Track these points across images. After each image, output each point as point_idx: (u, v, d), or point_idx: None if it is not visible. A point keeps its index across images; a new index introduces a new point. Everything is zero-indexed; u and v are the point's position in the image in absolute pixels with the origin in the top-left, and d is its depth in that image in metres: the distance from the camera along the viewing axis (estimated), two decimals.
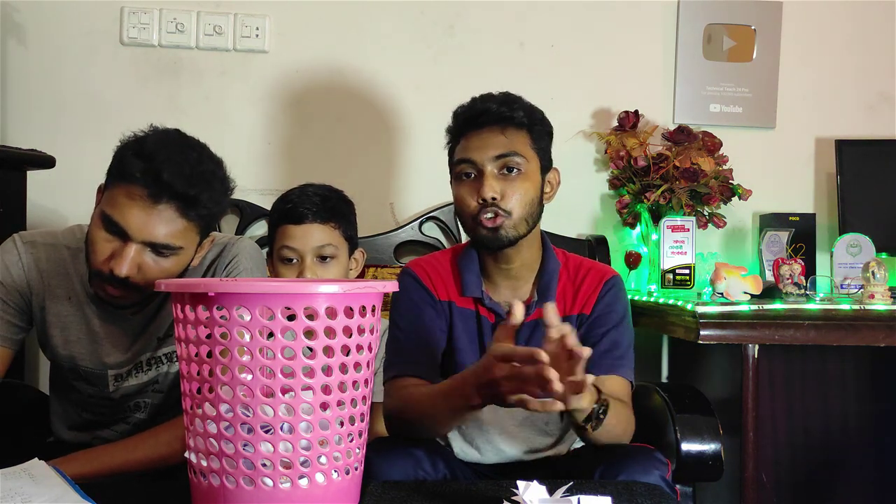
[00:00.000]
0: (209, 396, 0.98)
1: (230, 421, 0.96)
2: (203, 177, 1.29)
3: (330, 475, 0.99)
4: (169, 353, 1.45)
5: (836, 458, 1.98)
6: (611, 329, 1.49)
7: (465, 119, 1.49)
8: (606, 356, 1.46)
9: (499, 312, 1.50)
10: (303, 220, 1.62)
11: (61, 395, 1.54)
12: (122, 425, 1.49)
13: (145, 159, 1.25)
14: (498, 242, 1.46)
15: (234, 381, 0.95)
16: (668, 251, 2.03)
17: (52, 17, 2.12)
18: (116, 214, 1.26)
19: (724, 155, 2.15)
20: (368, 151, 2.21)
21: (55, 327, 1.43)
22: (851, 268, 2.03)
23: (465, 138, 1.48)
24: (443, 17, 2.23)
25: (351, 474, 1.02)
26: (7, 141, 2.05)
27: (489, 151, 1.45)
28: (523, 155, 1.46)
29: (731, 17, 2.28)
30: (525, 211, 1.46)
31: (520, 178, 1.46)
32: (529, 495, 1.03)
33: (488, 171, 1.45)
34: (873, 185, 2.18)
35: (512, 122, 1.46)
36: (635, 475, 1.27)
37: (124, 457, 1.32)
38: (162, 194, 1.25)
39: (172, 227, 1.27)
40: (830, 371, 1.99)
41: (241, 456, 0.96)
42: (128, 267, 1.26)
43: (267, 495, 0.96)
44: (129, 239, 1.26)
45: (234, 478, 0.97)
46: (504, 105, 1.46)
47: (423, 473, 1.29)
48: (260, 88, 2.18)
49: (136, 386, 1.46)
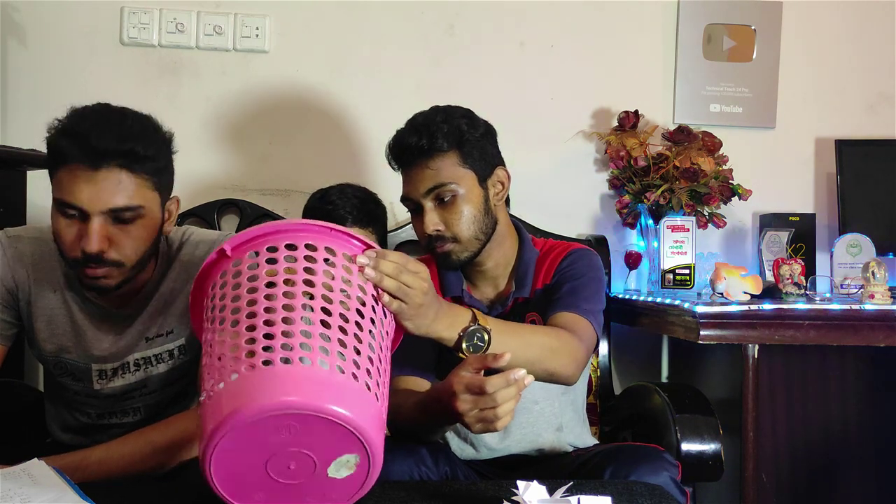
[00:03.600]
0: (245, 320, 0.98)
1: (271, 330, 0.96)
2: (132, 130, 1.28)
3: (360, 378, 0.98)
4: (158, 353, 1.44)
5: (836, 458, 1.98)
6: (570, 282, 1.50)
7: (394, 156, 1.54)
8: (565, 297, 1.47)
9: (479, 308, 1.52)
10: (345, 223, 1.67)
11: (53, 395, 1.54)
12: (115, 430, 1.47)
13: (71, 135, 1.26)
14: (454, 265, 1.51)
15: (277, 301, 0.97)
16: (668, 251, 2.03)
17: (52, 17, 2.12)
18: (67, 196, 1.26)
19: (724, 155, 2.15)
20: (368, 151, 2.21)
21: (41, 321, 1.43)
22: (851, 268, 2.03)
23: (403, 173, 1.53)
24: (443, 17, 2.23)
25: (380, 399, 1.01)
26: (7, 141, 2.05)
27: (419, 187, 1.48)
28: (453, 181, 1.47)
29: (731, 17, 2.28)
30: (471, 231, 1.49)
31: (456, 203, 1.48)
32: (529, 495, 1.03)
33: (427, 207, 1.49)
34: (873, 185, 2.18)
35: (434, 150, 1.47)
36: (645, 476, 1.27)
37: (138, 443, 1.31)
38: (99, 159, 1.24)
39: (123, 188, 1.26)
40: (830, 371, 1.99)
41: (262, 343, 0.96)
42: (97, 241, 1.26)
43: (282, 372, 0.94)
44: (88, 215, 1.26)
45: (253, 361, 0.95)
46: (424, 137, 1.47)
47: (426, 470, 1.30)
48: (260, 88, 2.18)
49: (122, 387, 1.44)
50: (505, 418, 1.10)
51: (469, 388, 1.11)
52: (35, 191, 1.96)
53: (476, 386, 1.10)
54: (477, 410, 1.11)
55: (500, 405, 1.09)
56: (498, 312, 1.54)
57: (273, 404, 0.91)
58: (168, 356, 1.44)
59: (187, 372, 1.47)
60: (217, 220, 2.10)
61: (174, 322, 1.43)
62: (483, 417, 1.11)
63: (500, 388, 1.09)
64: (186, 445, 1.32)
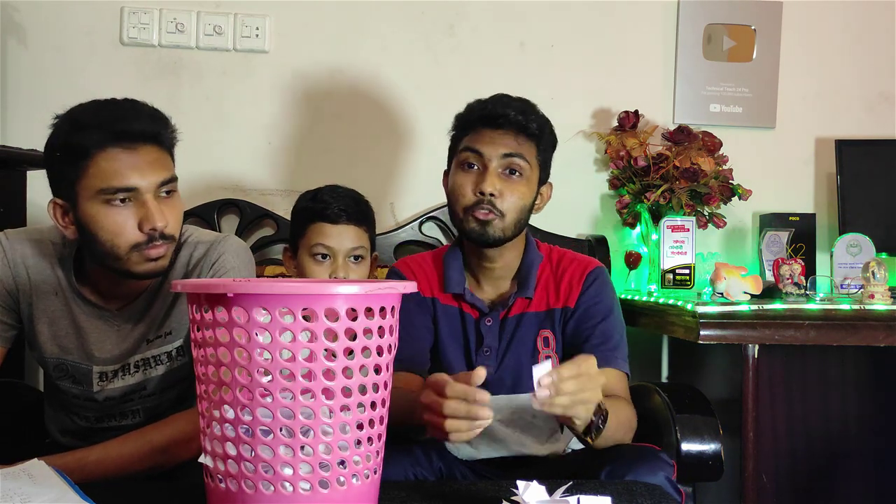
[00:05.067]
0: (227, 399, 0.95)
1: (249, 424, 0.94)
2: (147, 110, 1.33)
3: (350, 479, 0.97)
4: (157, 355, 1.43)
5: (836, 458, 1.98)
6: (600, 321, 1.51)
7: (480, 116, 1.51)
8: (599, 349, 1.47)
9: (480, 308, 1.53)
10: (339, 220, 1.66)
11: (52, 399, 1.54)
12: (114, 433, 1.45)
13: (96, 125, 1.26)
14: (484, 238, 1.49)
15: (252, 384, 0.94)
16: (668, 251, 2.03)
17: (52, 17, 2.12)
18: (115, 180, 1.26)
19: (724, 155, 2.15)
20: (368, 151, 2.21)
21: (43, 322, 1.42)
22: (851, 268, 2.03)
23: (476, 132, 1.51)
24: (443, 17, 2.23)
25: (370, 478, 1.01)
26: (7, 141, 2.05)
27: (499, 148, 1.48)
28: (529, 161, 1.49)
29: (731, 17, 2.28)
30: (517, 216, 1.49)
31: (521, 181, 1.49)
32: (529, 495, 1.03)
33: (492, 167, 1.48)
34: (873, 185, 2.18)
35: (525, 130, 1.49)
36: (641, 476, 1.27)
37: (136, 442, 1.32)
38: (136, 139, 1.28)
39: (162, 162, 1.31)
40: (830, 371, 1.99)
41: (259, 460, 0.94)
42: (161, 216, 1.28)
43: (286, 500, 0.94)
44: (142, 194, 1.28)
45: (253, 482, 0.95)
46: (522, 113, 1.49)
47: (421, 471, 1.30)
48: (260, 88, 2.18)
49: (121, 388, 1.44)
50: (456, 434, 1.10)
51: (433, 384, 1.13)
52: (35, 191, 1.95)
53: (439, 385, 1.12)
54: (430, 413, 1.13)
55: (446, 415, 1.10)
56: (499, 312, 1.54)
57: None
58: (167, 357, 1.44)
59: (186, 375, 1.46)
60: (217, 220, 2.10)
61: (173, 323, 1.43)
62: (432, 422, 1.12)
63: (456, 396, 1.09)
64: (185, 445, 1.32)
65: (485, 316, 1.54)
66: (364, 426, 0.99)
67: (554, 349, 1.52)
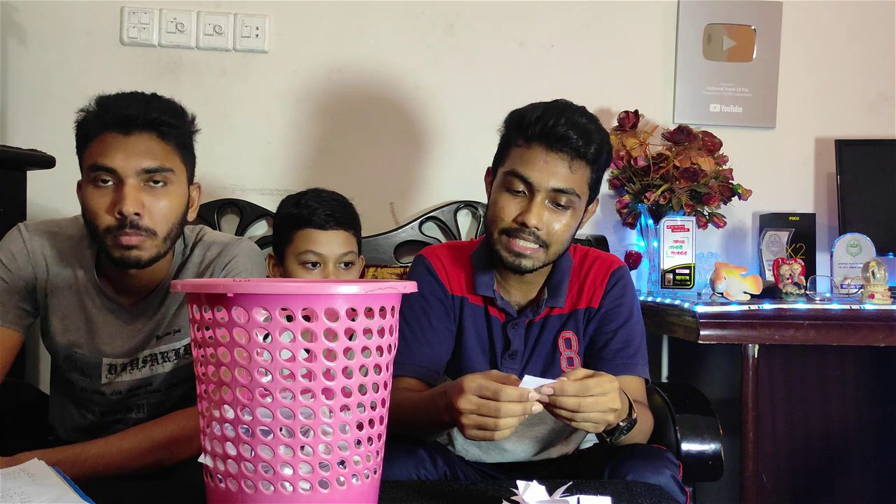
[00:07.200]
0: (227, 398, 0.96)
1: (248, 424, 0.94)
2: (159, 102, 1.38)
3: (350, 479, 0.97)
4: (165, 351, 1.45)
5: (835, 458, 1.98)
6: (622, 325, 1.48)
7: (538, 133, 1.39)
8: (620, 354, 1.46)
9: (510, 312, 1.49)
10: (327, 226, 1.64)
11: (60, 392, 1.55)
12: (120, 427, 1.47)
13: (100, 111, 1.34)
14: (519, 270, 1.42)
15: (252, 384, 0.94)
16: (668, 251, 2.03)
17: (52, 17, 2.12)
18: (100, 159, 1.32)
19: (724, 155, 2.15)
20: (368, 151, 2.21)
21: (56, 316, 1.45)
22: (851, 268, 2.03)
23: (529, 149, 1.40)
24: (443, 17, 2.23)
25: (370, 478, 1.01)
26: (7, 141, 2.05)
27: (550, 180, 1.38)
28: (579, 194, 1.40)
29: (731, 17, 2.28)
30: (562, 246, 1.44)
31: (567, 214, 1.41)
32: (529, 495, 1.03)
33: (539, 199, 1.38)
34: (873, 185, 2.18)
35: (582, 156, 1.39)
36: (646, 475, 1.27)
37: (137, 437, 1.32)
38: (130, 124, 1.32)
39: (153, 151, 1.33)
40: (830, 371, 1.99)
41: (259, 460, 0.94)
42: (133, 202, 1.30)
43: (286, 500, 0.95)
44: (122, 178, 1.31)
45: (253, 482, 0.95)
46: (583, 138, 1.38)
47: (425, 472, 1.29)
48: (260, 88, 2.18)
49: (128, 383, 1.45)
50: (503, 432, 1.09)
51: (481, 389, 1.11)
52: (35, 191, 1.95)
53: (490, 390, 1.09)
54: (476, 415, 1.10)
55: (502, 417, 1.08)
56: (529, 319, 1.49)
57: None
58: (174, 355, 1.45)
59: (192, 375, 1.46)
60: (217, 220, 2.10)
61: (182, 321, 1.44)
62: (481, 424, 1.10)
63: (511, 399, 1.08)
64: (186, 442, 1.32)
65: (512, 320, 1.49)
66: (364, 426, 0.99)
67: (576, 350, 1.49)
